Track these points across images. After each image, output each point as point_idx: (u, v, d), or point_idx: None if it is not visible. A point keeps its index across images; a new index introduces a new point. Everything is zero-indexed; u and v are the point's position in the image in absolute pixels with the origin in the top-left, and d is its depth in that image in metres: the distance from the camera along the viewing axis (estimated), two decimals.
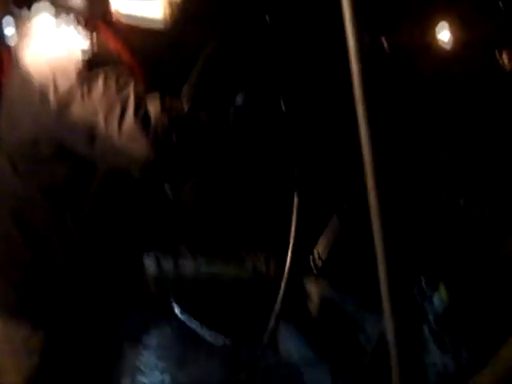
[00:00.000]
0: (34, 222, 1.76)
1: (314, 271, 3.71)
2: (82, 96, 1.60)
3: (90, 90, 1.60)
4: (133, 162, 1.62)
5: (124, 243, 1.90)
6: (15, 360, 1.82)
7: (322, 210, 3.74)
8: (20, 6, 1.82)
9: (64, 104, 1.62)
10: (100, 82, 1.61)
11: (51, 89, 1.63)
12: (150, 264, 3.29)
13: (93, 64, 1.65)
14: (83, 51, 1.66)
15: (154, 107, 1.62)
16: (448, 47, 3.34)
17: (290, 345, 3.68)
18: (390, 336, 1.25)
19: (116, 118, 1.58)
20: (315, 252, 3.71)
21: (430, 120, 3.42)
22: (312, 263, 3.64)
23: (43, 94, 1.64)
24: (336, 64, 2.04)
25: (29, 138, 1.73)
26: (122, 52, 1.77)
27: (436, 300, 2.78)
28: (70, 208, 1.76)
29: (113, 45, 1.76)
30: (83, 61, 1.64)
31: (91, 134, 1.61)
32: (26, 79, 1.70)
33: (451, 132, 3.32)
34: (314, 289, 3.95)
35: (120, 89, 1.61)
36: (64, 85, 1.62)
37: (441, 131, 3.38)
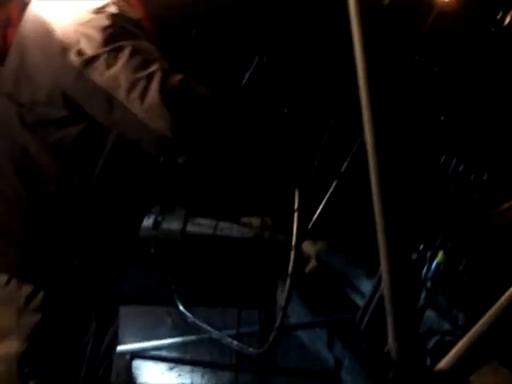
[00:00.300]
0: (41, 179, 1.74)
1: (310, 233, 3.75)
2: (107, 64, 1.56)
3: (115, 60, 1.56)
4: (149, 137, 1.61)
5: (128, 204, 1.91)
6: (18, 319, 1.84)
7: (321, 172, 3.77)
8: None
9: (86, 67, 1.58)
10: (126, 53, 1.57)
11: (75, 49, 1.59)
12: (149, 224, 3.31)
13: (120, 32, 1.61)
14: (111, 17, 1.62)
15: (177, 86, 1.58)
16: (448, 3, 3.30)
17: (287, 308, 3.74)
18: (387, 294, 1.26)
19: (139, 92, 1.55)
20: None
21: (430, 81, 3.42)
22: (308, 225, 3.67)
23: (66, 51, 1.60)
24: None
25: (43, 94, 1.68)
26: (145, 22, 1.75)
27: (434, 265, 2.82)
28: (79, 170, 1.74)
29: (138, 14, 1.74)
30: (110, 27, 1.60)
31: (110, 102, 1.59)
32: (45, 33, 1.66)
33: (452, 94, 3.32)
34: (310, 250, 4.00)
35: (146, 64, 1.58)
36: (89, 48, 1.58)
37: (442, 93, 3.38)
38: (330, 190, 3.85)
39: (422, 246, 2.87)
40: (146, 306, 3.24)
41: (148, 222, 3.38)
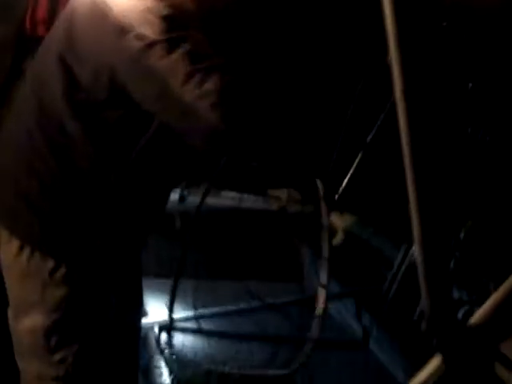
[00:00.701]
0: (75, 158, 1.73)
1: (337, 205, 3.73)
2: (166, 51, 1.54)
3: (174, 49, 1.54)
4: (198, 128, 1.58)
5: (158, 186, 1.90)
6: (43, 292, 1.86)
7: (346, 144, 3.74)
8: None
9: (144, 52, 1.55)
10: (186, 44, 1.55)
11: (134, 32, 1.56)
12: (175, 199, 3.33)
13: (180, 23, 1.60)
14: (172, 6, 1.61)
15: (231, 83, 1.56)
16: None
17: (314, 279, 3.74)
18: (418, 247, 1.26)
19: (195, 83, 1.52)
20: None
21: (458, 52, 3.35)
22: (335, 197, 3.66)
23: (123, 32, 1.57)
24: None
25: (88, 72, 1.66)
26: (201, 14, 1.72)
27: (462, 235, 2.79)
28: (114, 153, 1.73)
29: (195, 6, 1.71)
30: (172, 16, 1.59)
31: (163, 89, 1.56)
32: (100, 10, 1.63)
33: (478, 65, 3.25)
34: (337, 222, 3.98)
35: (204, 57, 1.56)
36: (150, 33, 1.56)
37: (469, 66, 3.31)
38: (357, 161, 3.81)
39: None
40: (172, 279, 3.27)
41: (174, 196, 3.40)
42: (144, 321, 2.52)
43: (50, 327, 1.84)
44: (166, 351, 2.76)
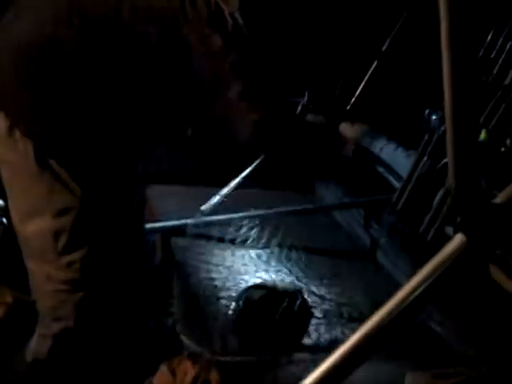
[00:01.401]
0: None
1: (349, 114, 3.69)
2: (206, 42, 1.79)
3: (213, 43, 1.79)
4: (234, 136, 1.92)
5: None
6: (50, 196, 1.89)
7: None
8: None
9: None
10: (219, 42, 1.78)
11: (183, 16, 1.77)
12: None
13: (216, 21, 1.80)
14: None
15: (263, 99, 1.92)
16: None
17: (324, 190, 3.76)
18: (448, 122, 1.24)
19: (236, 91, 1.82)
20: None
21: None
22: (348, 107, 3.61)
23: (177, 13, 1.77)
24: None
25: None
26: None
27: None
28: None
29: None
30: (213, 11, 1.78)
31: (214, 82, 1.82)
32: None
33: None
34: (348, 133, 3.95)
35: (238, 68, 1.82)
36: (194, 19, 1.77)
37: None
38: (371, 70, 3.74)
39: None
40: (183, 185, 3.29)
41: None
42: (155, 225, 2.56)
43: (58, 230, 1.88)
44: (176, 256, 2.80)
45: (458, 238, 1.34)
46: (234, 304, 2.37)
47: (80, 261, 1.94)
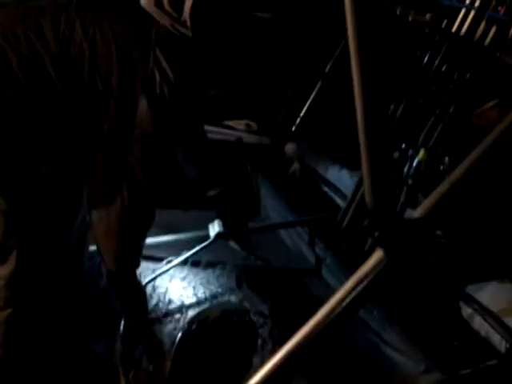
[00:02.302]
0: None
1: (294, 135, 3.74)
2: None
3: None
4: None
5: None
6: None
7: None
8: None
9: None
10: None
11: None
12: None
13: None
14: None
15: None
16: None
17: (269, 207, 3.77)
18: (367, 189, 1.29)
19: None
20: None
21: None
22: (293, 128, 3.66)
23: None
24: None
25: None
26: None
27: (415, 163, 2.82)
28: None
29: None
30: None
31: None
32: None
33: None
34: (293, 152, 4.00)
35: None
36: None
37: None
38: (315, 92, 3.81)
39: (403, 145, 2.88)
40: None
41: None
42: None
43: None
44: None
45: (377, 253, 1.38)
46: (184, 325, 2.37)
47: (6, 278, 1.93)
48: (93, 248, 2.41)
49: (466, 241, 2.56)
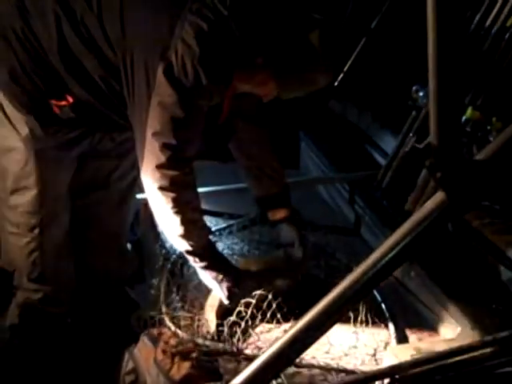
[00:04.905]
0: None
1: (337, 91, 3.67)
2: None
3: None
4: None
5: None
6: None
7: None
8: None
9: None
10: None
11: None
12: None
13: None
14: None
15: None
16: None
17: (309, 162, 3.75)
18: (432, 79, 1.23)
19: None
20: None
21: None
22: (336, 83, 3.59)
23: None
24: None
25: None
26: None
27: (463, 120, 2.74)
28: None
29: None
30: None
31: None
32: None
33: None
34: (335, 106, 3.95)
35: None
36: None
37: None
38: (359, 48, 3.72)
39: None
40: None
41: None
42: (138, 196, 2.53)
43: None
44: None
45: (438, 195, 1.33)
46: None
47: None
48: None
49: None
